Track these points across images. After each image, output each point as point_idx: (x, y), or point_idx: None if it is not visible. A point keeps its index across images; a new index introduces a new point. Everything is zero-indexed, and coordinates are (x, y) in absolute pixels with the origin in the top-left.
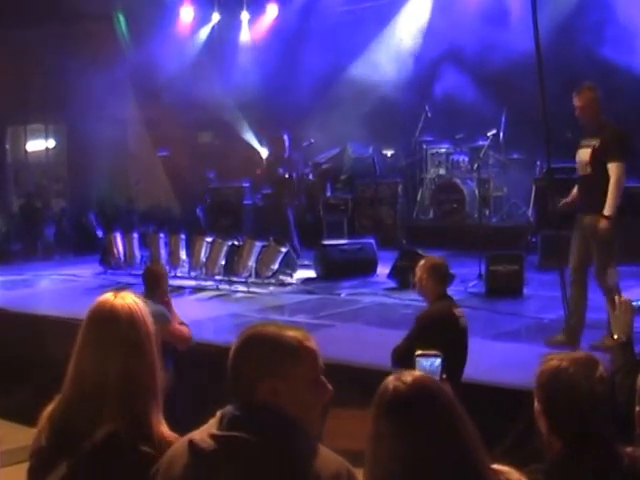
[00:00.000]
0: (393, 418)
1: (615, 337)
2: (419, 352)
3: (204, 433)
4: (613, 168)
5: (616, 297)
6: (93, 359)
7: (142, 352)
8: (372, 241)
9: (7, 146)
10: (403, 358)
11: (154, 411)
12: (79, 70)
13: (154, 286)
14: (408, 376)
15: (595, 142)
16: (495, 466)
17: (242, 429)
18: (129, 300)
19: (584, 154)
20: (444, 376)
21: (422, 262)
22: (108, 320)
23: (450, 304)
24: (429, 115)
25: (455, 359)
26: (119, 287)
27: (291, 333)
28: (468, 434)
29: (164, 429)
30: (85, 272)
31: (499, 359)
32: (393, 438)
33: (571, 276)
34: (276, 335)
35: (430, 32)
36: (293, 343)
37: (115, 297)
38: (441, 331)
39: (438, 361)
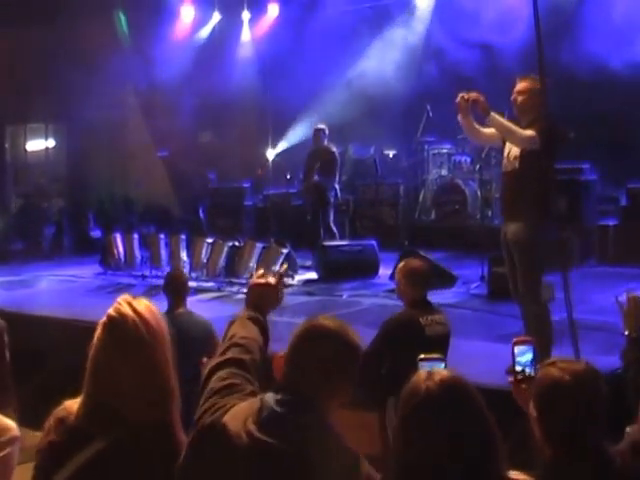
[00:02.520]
0: (425, 417)
1: (626, 333)
2: (422, 356)
3: (240, 424)
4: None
5: (625, 294)
6: (108, 365)
7: (156, 357)
8: (373, 242)
9: (7, 145)
10: (365, 361)
11: (171, 416)
12: (79, 69)
13: (183, 293)
14: (438, 375)
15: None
16: (512, 474)
17: (280, 434)
18: (144, 306)
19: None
20: None
21: (401, 265)
22: (123, 325)
23: (418, 312)
24: (431, 115)
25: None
26: (119, 288)
27: (351, 332)
28: (494, 437)
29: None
30: (85, 273)
31: (501, 361)
32: (423, 437)
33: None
34: (343, 334)
35: (433, 31)
36: (357, 344)
37: (129, 302)
38: (403, 338)
39: (442, 365)
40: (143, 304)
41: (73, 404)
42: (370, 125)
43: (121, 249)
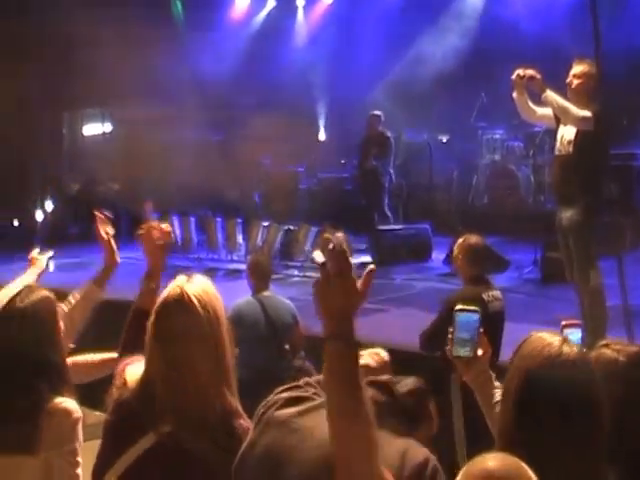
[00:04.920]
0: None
1: None
2: (458, 307)
3: None
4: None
5: None
6: (162, 349)
7: (215, 339)
8: (427, 226)
9: (64, 130)
10: (430, 341)
11: (229, 399)
12: (135, 54)
13: (268, 276)
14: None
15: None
16: None
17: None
18: (200, 284)
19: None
20: (481, 330)
21: (460, 240)
22: (179, 305)
23: (480, 288)
24: (485, 101)
25: None
26: (175, 271)
27: None
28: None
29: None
30: (140, 255)
31: None
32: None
33: None
34: None
35: (486, 17)
36: None
37: (186, 281)
38: None
39: (476, 317)
40: (200, 283)
41: (133, 382)
42: (423, 110)
43: (178, 232)
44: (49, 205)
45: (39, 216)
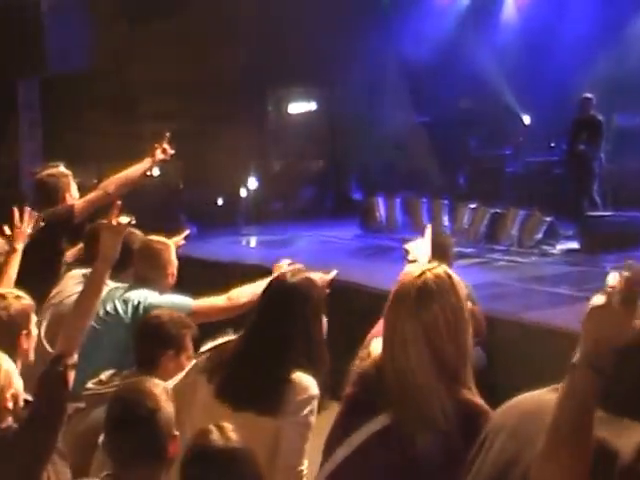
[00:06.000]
0: None
1: None
2: None
3: None
4: None
5: None
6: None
7: (456, 329)
8: (639, 214)
9: (269, 108)
10: None
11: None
12: (339, 34)
13: (447, 258)
14: None
15: None
16: None
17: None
18: (441, 272)
19: None
20: None
21: None
22: (411, 294)
23: None
24: None
25: None
26: (379, 251)
27: None
28: None
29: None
30: (344, 234)
31: None
32: None
33: None
34: None
35: None
36: None
37: (425, 271)
38: None
39: None
40: (436, 270)
41: (376, 356)
42: (637, 93)
43: (382, 212)
44: (253, 183)
45: (243, 193)
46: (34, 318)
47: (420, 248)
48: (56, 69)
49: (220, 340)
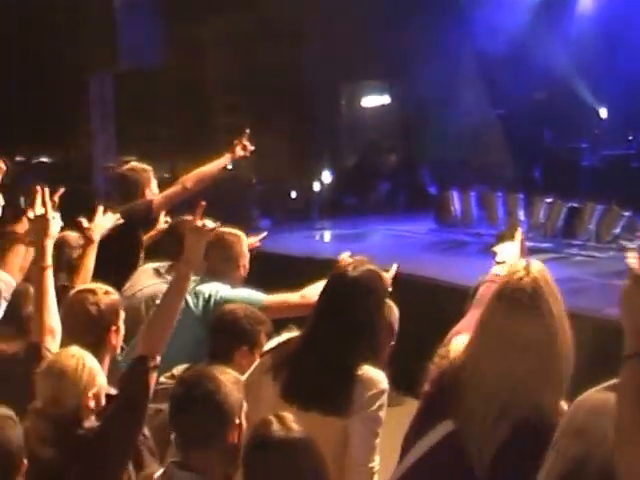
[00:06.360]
0: None
1: None
2: None
3: None
4: None
5: None
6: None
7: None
8: None
9: (342, 102)
10: None
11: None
12: (413, 28)
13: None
14: None
15: None
16: None
17: None
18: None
19: None
20: None
21: None
22: (526, 294)
23: None
24: None
25: None
26: (454, 245)
27: None
28: None
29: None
30: (418, 228)
31: None
32: None
33: None
34: None
35: None
36: None
37: (528, 270)
38: None
39: None
40: (538, 268)
41: (455, 355)
42: None
43: (457, 206)
44: (327, 177)
45: (316, 187)
46: (122, 314)
47: (509, 250)
48: (128, 64)
49: (284, 336)
